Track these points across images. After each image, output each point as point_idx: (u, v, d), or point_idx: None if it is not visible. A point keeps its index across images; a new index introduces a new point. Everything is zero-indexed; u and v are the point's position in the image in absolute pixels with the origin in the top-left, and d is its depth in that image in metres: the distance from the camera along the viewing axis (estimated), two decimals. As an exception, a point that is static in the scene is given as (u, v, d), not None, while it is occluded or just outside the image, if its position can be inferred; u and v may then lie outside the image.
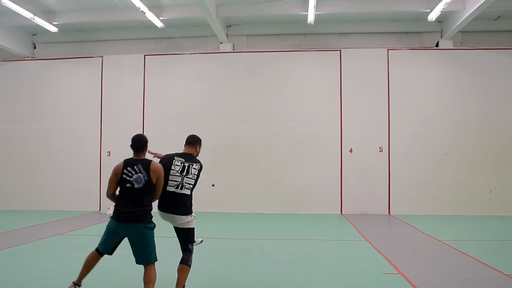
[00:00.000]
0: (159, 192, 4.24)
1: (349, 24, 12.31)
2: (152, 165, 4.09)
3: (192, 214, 4.47)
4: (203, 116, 12.34)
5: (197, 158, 4.61)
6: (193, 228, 4.46)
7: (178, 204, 4.31)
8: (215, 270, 5.58)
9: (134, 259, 4.08)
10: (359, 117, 11.89)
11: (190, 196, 4.46)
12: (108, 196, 4.19)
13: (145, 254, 4.00)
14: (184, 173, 4.35)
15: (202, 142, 4.69)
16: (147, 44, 12.99)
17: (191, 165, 4.42)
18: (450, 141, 11.68)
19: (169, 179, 4.30)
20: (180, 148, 4.85)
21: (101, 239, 4.18)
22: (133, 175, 4.01)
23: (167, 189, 4.29)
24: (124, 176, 4.01)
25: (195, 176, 4.42)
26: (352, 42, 12.37)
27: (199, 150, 4.72)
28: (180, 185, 4.31)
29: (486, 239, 8.14)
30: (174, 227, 4.44)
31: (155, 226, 4.09)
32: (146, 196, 4.05)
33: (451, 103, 11.79)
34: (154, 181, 4.07)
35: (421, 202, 11.58)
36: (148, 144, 4.34)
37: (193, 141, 4.65)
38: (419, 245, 7.25)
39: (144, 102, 12.58)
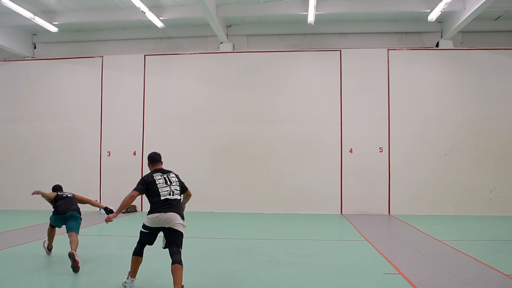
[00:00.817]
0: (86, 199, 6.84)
1: (349, 24, 12.30)
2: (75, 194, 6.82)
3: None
4: (203, 116, 12.34)
5: (172, 172, 5.06)
6: (183, 234, 4.69)
7: (176, 207, 4.71)
8: (215, 270, 5.58)
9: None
10: (359, 117, 11.89)
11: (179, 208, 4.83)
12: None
13: (76, 226, 6.23)
14: (169, 183, 4.81)
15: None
16: (147, 44, 12.99)
17: (168, 175, 4.92)
18: (450, 141, 11.68)
19: (160, 190, 4.74)
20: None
21: (52, 223, 6.49)
22: (65, 193, 6.66)
23: (162, 198, 4.69)
24: (60, 194, 6.65)
25: (177, 182, 4.92)
26: (352, 42, 12.37)
27: None
28: (171, 192, 4.76)
29: (486, 239, 8.14)
30: (168, 229, 4.61)
31: (81, 220, 6.39)
32: (76, 201, 6.58)
33: (451, 103, 11.78)
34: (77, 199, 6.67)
35: (421, 202, 11.58)
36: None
37: (160, 158, 5.16)
38: (419, 245, 7.24)
39: (144, 102, 12.58)
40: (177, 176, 4.99)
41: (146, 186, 4.77)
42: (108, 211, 6.01)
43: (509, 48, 11.81)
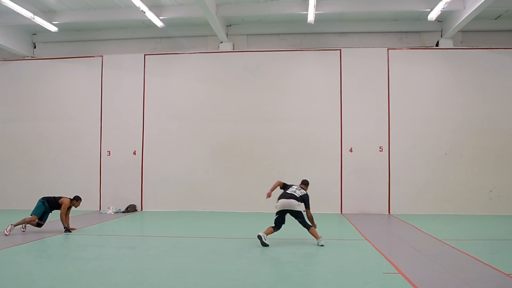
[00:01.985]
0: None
1: (349, 23, 12.30)
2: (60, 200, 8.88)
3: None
4: (203, 116, 12.35)
5: (305, 191, 7.66)
6: (301, 211, 7.33)
7: (292, 197, 7.34)
8: (215, 270, 5.58)
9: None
10: (359, 116, 11.89)
11: (297, 199, 7.40)
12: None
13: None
14: (295, 191, 7.48)
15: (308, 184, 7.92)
16: (147, 43, 12.99)
17: (298, 190, 7.57)
18: (450, 140, 11.68)
19: (289, 189, 7.52)
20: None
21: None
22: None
23: (288, 191, 7.46)
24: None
25: (299, 195, 7.41)
26: (352, 42, 12.37)
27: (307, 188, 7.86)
28: (294, 192, 7.44)
29: (486, 239, 8.14)
30: (289, 211, 7.24)
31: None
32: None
33: (451, 102, 11.79)
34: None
35: (421, 202, 11.59)
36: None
37: (306, 184, 7.94)
38: (419, 245, 7.24)
39: (144, 102, 12.58)
40: (305, 195, 7.47)
41: (284, 185, 7.65)
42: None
43: (509, 48, 11.80)
